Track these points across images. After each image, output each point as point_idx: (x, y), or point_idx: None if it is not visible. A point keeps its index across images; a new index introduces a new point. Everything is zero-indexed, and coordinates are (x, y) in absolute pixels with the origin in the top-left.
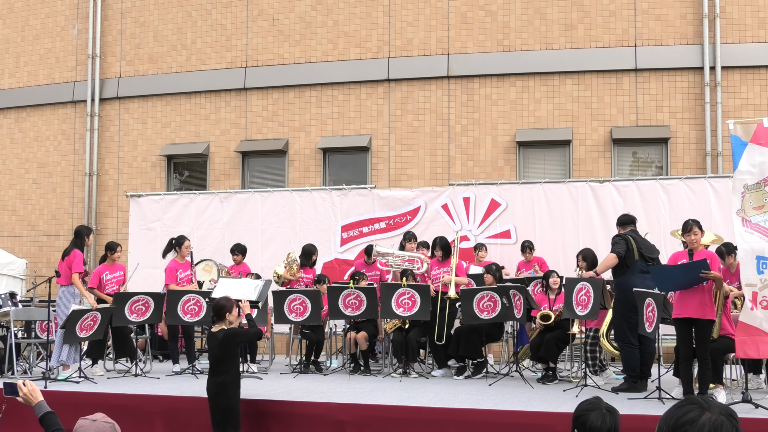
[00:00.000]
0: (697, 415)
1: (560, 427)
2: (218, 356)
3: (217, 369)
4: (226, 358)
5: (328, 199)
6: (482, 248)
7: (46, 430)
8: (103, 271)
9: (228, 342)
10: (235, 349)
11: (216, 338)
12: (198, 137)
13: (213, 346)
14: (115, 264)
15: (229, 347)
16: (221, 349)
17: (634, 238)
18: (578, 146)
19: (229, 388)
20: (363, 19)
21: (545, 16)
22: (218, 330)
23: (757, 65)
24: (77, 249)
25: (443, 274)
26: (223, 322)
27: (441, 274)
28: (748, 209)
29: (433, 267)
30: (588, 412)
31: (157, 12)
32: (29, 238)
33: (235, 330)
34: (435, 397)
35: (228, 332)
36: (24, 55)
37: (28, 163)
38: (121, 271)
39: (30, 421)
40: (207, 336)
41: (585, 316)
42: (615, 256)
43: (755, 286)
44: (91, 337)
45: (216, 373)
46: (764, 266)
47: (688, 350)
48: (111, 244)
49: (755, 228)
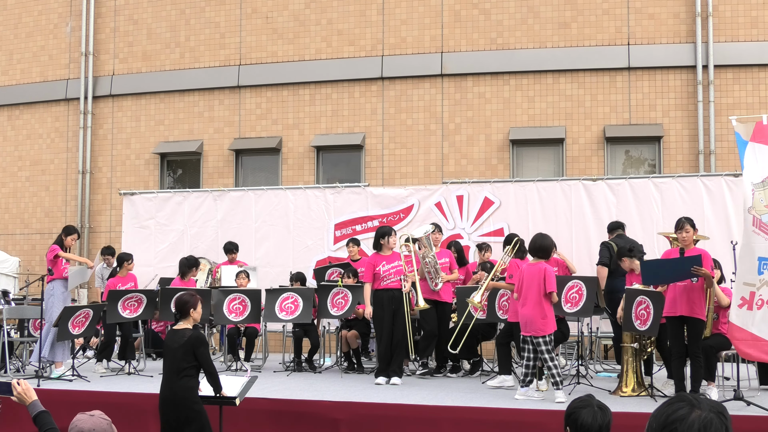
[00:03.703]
0: (687, 413)
1: (553, 424)
2: (184, 357)
3: (182, 371)
4: (194, 360)
5: (322, 197)
6: (488, 249)
7: (39, 429)
8: (116, 284)
9: (198, 348)
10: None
11: (182, 338)
12: (191, 135)
13: (177, 346)
14: (127, 275)
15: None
16: (189, 351)
17: (616, 242)
18: (571, 144)
19: (195, 391)
20: (357, 17)
21: (539, 14)
22: (183, 329)
23: (750, 64)
24: (55, 244)
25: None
26: (187, 319)
27: (392, 270)
28: (760, 207)
29: (380, 262)
30: (579, 409)
31: (151, 9)
32: (22, 236)
33: (204, 340)
34: (429, 394)
35: (200, 338)
36: (17, 52)
37: (21, 161)
38: (132, 281)
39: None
40: (168, 333)
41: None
42: (601, 267)
43: (753, 286)
44: (84, 333)
45: (182, 374)
46: (765, 267)
47: (680, 348)
48: (123, 255)
49: (763, 228)
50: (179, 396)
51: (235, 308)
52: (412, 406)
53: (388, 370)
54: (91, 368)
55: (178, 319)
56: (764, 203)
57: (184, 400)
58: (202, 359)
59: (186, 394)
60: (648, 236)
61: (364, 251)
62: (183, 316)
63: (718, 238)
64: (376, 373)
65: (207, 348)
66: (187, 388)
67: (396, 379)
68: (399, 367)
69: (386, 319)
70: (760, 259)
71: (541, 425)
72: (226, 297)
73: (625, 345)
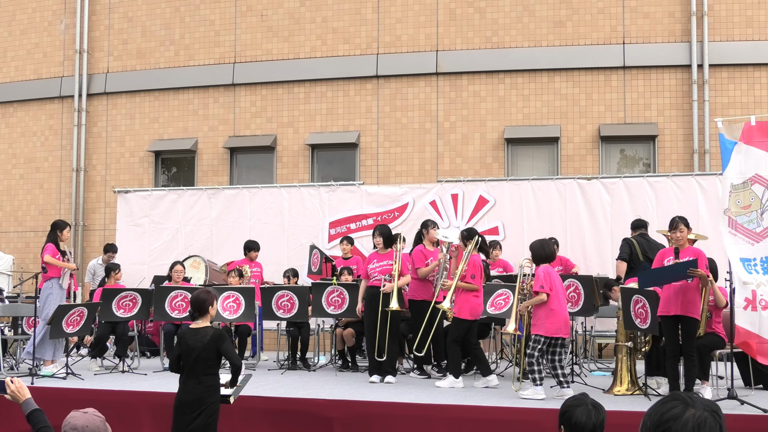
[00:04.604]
0: (681, 411)
1: (547, 423)
2: (208, 356)
3: (205, 370)
4: (216, 358)
5: (317, 196)
6: (496, 246)
7: (33, 427)
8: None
9: (222, 344)
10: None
11: (204, 336)
12: (186, 133)
13: (201, 345)
14: (115, 285)
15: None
16: (213, 349)
17: (638, 241)
18: (566, 143)
19: (218, 389)
20: (352, 16)
21: (534, 13)
22: (203, 327)
23: (745, 63)
24: (50, 243)
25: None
26: (205, 317)
27: (378, 268)
28: (735, 208)
29: (372, 260)
30: (574, 408)
31: (145, 7)
32: (16, 234)
33: (226, 335)
34: (423, 393)
35: (222, 335)
36: (11, 50)
37: (15, 158)
38: None
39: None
40: (184, 333)
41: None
42: (620, 262)
43: (751, 284)
44: (78, 332)
45: (205, 373)
46: (749, 267)
47: (674, 347)
48: (111, 265)
49: (739, 230)
50: (202, 394)
51: (229, 306)
52: (406, 404)
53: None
54: (85, 366)
55: (196, 317)
56: (741, 204)
57: (207, 398)
58: (228, 354)
59: (208, 393)
60: None
61: (357, 249)
62: (201, 314)
63: (712, 238)
64: (369, 371)
65: (230, 342)
66: (210, 387)
67: (390, 378)
68: (391, 365)
69: (369, 317)
70: (743, 260)
71: (535, 424)
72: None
73: (620, 344)
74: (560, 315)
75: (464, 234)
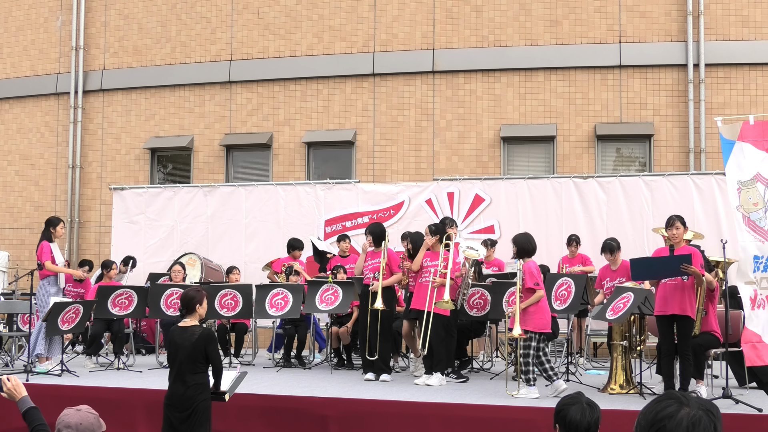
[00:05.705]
0: (676, 410)
1: (542, 421)
2: (196, 355)
3: (193, 368)
4: (204, 357)
5: (312, 194)
6: (493, 245)
7: (29, 425)
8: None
9: (209, 346)
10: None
11: (192, 335)
12: (182, 130)
13: (188, 344)
14: (110, 282)
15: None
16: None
17: None
18: (562, 142)
19: (207, 387)
20: (348, 13)
21: (530, 12)
22: (191, 326)
23: (741, 63)
24: (45, 240)
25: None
26: (193, 315)
27: (369, 266)
28: (748, 204)
29: (367, 258)
30: (568, 406)
31: (142, 4)
32: (11, 231)
33: (215, 337)
34: (418, 391)
35: (211, 335)
36: (7, 46)
37: (11, 155)
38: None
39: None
40: (172, 331)
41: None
42: None
43: (754, 284)
44: (74, 329)
45: (193, 371)
46: (758, 265)
47: (669, 346)
48: (106, 262)
49: (751, 226)
50: (190, 393)
51: (227, 303)
52: (401, 402)
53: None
54: (80, 363)
55: (184, 315)
56: (752, 201)
57: (196, 396)
58: (212, 356)
59: (197, 391)
60: (638, 234)
61: (354, 248)
62: (189, 312)
63: (708, 237)
64: (364, 369)
65: (217, 345)
66: (199, 385)
67: (385, 376)
68: (384, 363)
69: (361, 314)
70: (755, 258)
71: (530, 422)
72: (217, 293)
73: (615, 342)
74: (547, 310)
75: (432, 229)
